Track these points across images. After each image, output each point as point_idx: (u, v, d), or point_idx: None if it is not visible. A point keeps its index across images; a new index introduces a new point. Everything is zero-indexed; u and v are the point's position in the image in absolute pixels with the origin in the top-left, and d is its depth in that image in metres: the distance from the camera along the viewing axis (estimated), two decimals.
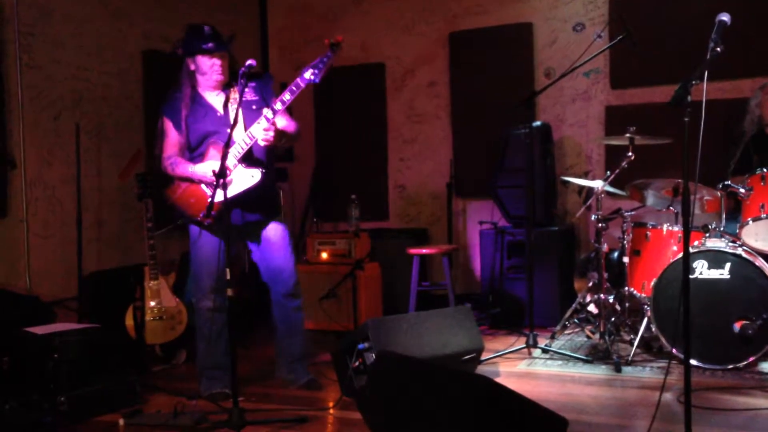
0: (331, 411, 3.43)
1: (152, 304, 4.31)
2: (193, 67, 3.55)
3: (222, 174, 3.11)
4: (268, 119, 3.40)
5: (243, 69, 3.38)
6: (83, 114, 4.80)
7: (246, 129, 3.54)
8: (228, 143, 3.22)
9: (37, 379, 3.38)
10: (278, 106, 3.41)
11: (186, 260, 4.71)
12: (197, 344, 3.73)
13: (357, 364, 3.47)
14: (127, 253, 5.00)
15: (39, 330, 3.55)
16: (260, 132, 3.41)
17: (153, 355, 4.31)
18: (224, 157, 3.16)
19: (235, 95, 3.57)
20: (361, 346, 3.47)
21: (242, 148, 3.48)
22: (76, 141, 4.60)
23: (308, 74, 3.41)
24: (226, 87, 3.60)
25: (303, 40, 6.51)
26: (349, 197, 5.37)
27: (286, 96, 3.40)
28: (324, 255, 5.32)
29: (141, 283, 4.34)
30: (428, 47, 6.08)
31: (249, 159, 3.54)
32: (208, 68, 3.49)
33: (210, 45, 3.48)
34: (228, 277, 3.16)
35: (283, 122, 3.58)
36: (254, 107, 3.59)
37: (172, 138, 3.61)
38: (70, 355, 3.41)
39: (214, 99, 3.59)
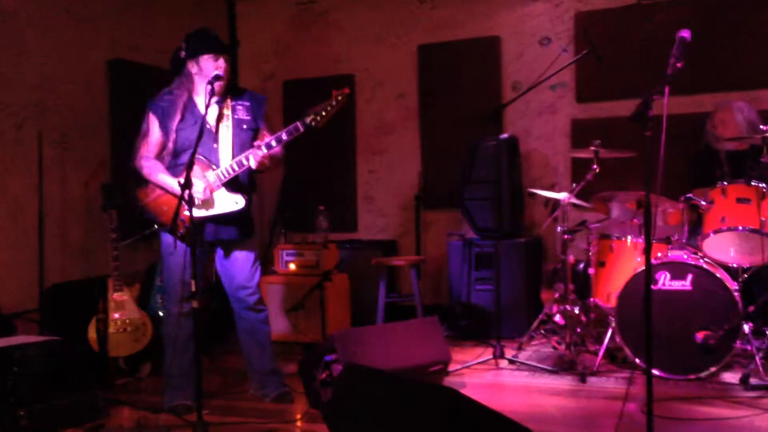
0: (298, 423, 3.41)
1: (116, 316, 4.25)
2: (195, 70, 3.53)
3: (187, 185, 3.08)
4: (262, 153, 3.44)
5: (209, 79, 3.39)
6: (47, 123, 4.73)
7: (233, 147, 3.55)
8: (194, 152, 3.20)
9: None
10: (273, 143, 3.45)
11: (151, 272, 4.66)
12: (165, 349, 3.70)
13: (324, 376, 3.46)
14: (90, 265, 4.92)
15: None
16: (254, 161, 3.45)
17: (117, 368, 4.24)
18: (189, 167, 3.13)
19: (227, 111, 3.57)
20: (328, 357, 3.46)
21: (228, 173, 3.48)
22: (39, 150, 4.53)
23: (309, 119, 3.42)
24: (221, 100, 3.57)
25: (272, 50, 6.51)
26: (317, 208, 5.36)
27: (283, 136, 3.44)
28: (292, 266, 5.30)
29: (104, 295, 4.27)
30: (398, 59, 6.12)
31: (234, 184, 3.53)
32: (212, 70, 3.46)
33: (215, 46, 3.49)
34: (193, 288, 3.13)
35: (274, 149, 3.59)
36: (245, 126, 3.61)
37: (154, 138, 3.59)
38: (31, 369, 3.34)
39: (208, 110, 3.53)
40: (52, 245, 4.70)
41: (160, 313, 4.45)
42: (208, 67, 3.49)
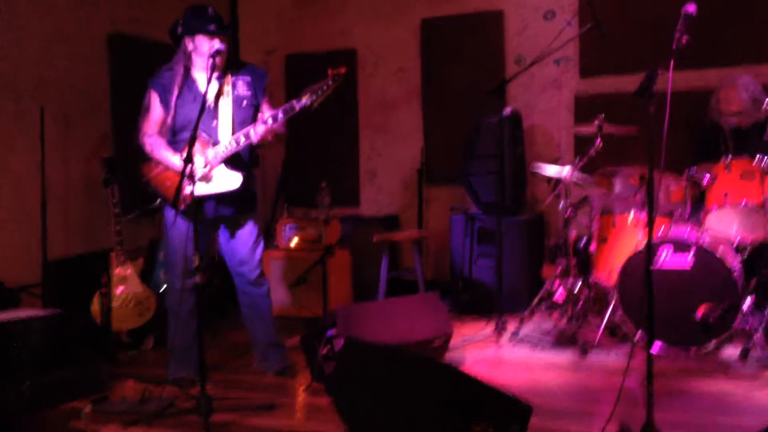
0: (300, 397, 3.44)
1: (119, 290, 4.27)
2: (191, 47, 3.52)
3: (189, 160, 3.08)
4: (264, 128, 3.45)
5: (211, 53, 3.37)
6: (48, 98, 4.71)
7: (234, 123, 3.54)
8: (196, 128, 3.19)
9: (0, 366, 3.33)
10: (270, 121, 3.45)
11: (154, 247, 4.67)
12: (168, 323, 3.72)
13: (326, 350, 3.48)
14: (94, 239, 4.93)
15: (2, 316, 3.50)
16: (257, 135, 3.45)
17: (120, 341, 4.27)
18: (191, 143, 3.13)
19: (228, 87, 3.56)
20: (329, 332, 3.48)
21: (227, 149, 3.48)
22: (41, 125, 4.52)
23: (305, 98, 3.42)
24: (221, 76, 3.56)
25: (274, 25, 6.46)
26: (320, 184, 5.36)
27: (279, 114, 3.45)
28: (294, 241, 5.31)
29: (107, 269, 4.29)
30: (400, 33, 6.06)
31: (233, 161, 3.53)
32: (207, 50, 3.44)
33: (212, 26, 3.47)
34: (196, 264, 3.14)
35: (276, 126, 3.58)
36: (245, 103, 3.60)
37: (156, 115, 3.58)
38: (34, 342, 3.37)
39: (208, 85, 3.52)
40: (55, 220, 4.71)
41: (163, 288, 4.47)
42: (203, 46, 3.48)
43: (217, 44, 3.42)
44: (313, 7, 6.32)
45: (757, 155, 3.91)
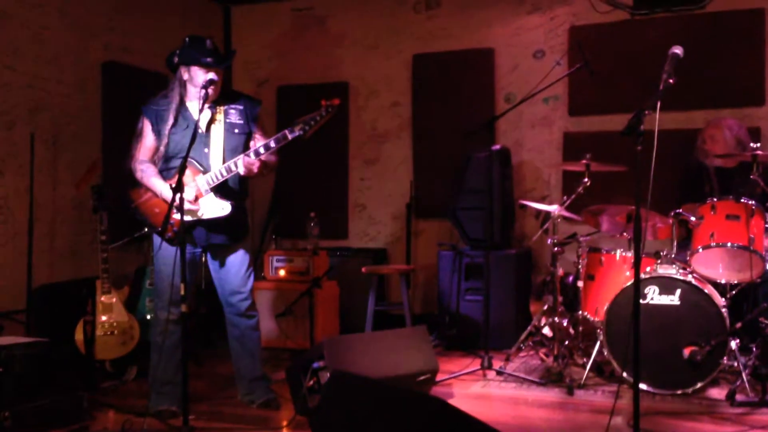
0: (284, 430, 3.40)
1: (103, 318, 4.23)
2: (186, 77, 3.54)
3: (179, 188, 3.08)
4: (250, 159, 3.44)
5: (204, 82, 3.39)
6: (40, 124, 4.71)
7: (224, 152, 3.55)
8: (186, 156, 3.20)
9: None
10: (261, 150, 3.46)
11: (141, 275, 4.64)
12: (151, 355, 3.67)
13: (311, 383, 3.45)
14: (80, 266, 4.90)
15: None
16: (242, 167, 3.44)
17: (103, 370, 4.22)
18: (182, 171, 3.13)
19: (220, 116, 3.58)
20: (316, 365, 3.45)
21: (217, 178, 3.49)
22: (30, 151, 4.51)
23: (298, 129, 3.43)
24: (213, 104, 3.58)
25: (267, 56, 6.52)
26: (308, 215, 5.36)
27: (272, 144, 3.46)
28: (282, 272, 5.29)
29: (92, 297, 4.25)
30: (392, 68, 6.13)
31: (223, 189, 3.53)
32: (202, 81, 3.45)
33: (209, 59, 3.48)
34: (182, 292, 3.12)
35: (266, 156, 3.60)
36: (236, 131, 3.61)
37: (148, 142, 3.59)
38: (16, 369, 3.32)
39: (199, 114, 3.53)
40: (42, 246, 4.67)
41: (149, 317, 4.43)
42: (197, 77, 3.50)
43: (210, 75, 3.45)
44: (306, 39, 6.38)
45: (742, 197, 3.96)
